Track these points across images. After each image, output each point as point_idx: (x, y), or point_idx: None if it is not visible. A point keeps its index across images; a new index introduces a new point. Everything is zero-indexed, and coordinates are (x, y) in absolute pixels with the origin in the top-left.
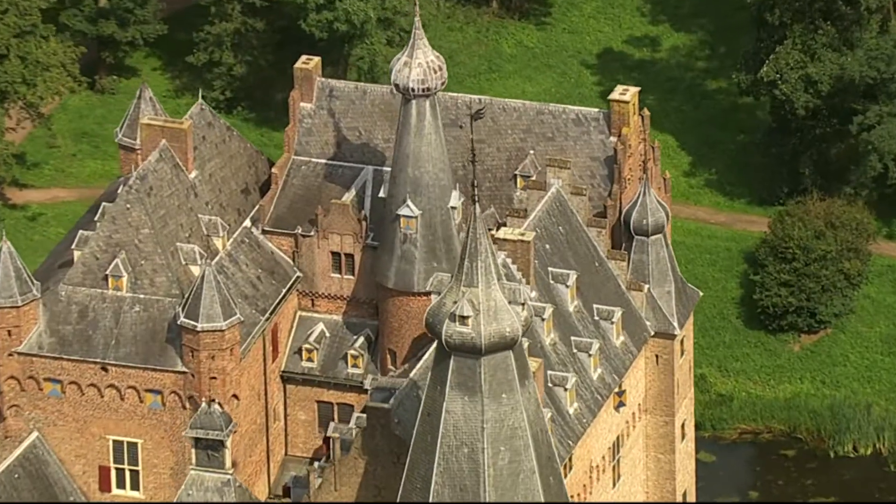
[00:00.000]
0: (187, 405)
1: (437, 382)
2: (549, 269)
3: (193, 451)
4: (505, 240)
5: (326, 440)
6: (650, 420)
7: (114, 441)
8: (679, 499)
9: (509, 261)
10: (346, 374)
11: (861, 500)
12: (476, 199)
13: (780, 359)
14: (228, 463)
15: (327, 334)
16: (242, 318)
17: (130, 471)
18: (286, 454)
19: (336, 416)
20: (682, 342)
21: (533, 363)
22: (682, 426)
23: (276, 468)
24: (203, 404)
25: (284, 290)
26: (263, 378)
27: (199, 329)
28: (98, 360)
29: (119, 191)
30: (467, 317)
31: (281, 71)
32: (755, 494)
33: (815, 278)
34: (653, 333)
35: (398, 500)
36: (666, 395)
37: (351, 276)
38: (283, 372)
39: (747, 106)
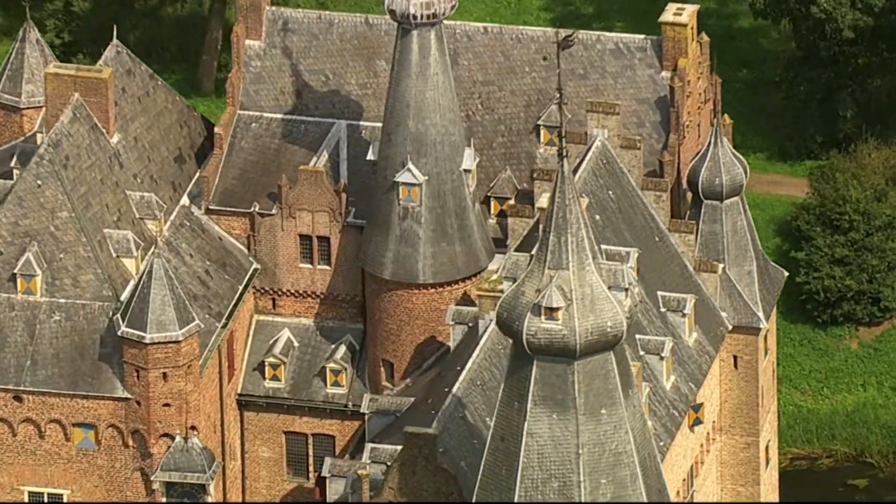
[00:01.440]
0: (130, 442)
1: (513, 397)
2: (602, 246)
3: (164, 500)
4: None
5: (320, 481)
6: (727, 442)
7: (30, 493)
8: None
9: None
10: (324, 396)
11: None
12: (563, 152)
13: (835, 360)
14: None
15: (296, 344)
16: (202, 325)
17: None
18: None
19: (311, 452)
20: (765, 338)
21: (633, 367)
22: (766, 449)
23: None
24: (178, 439)
25: (241, 288)
26: (220, 404)
27: (147, 341)
28: (9, 386)
29: (12, 164)
30: (557, 308)
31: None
32: None
33: (878, 253)
34: (730, 328)
35: None
36: (748, 408)
37: (326, 267)
38: (240, 395)
39: (746, 32)
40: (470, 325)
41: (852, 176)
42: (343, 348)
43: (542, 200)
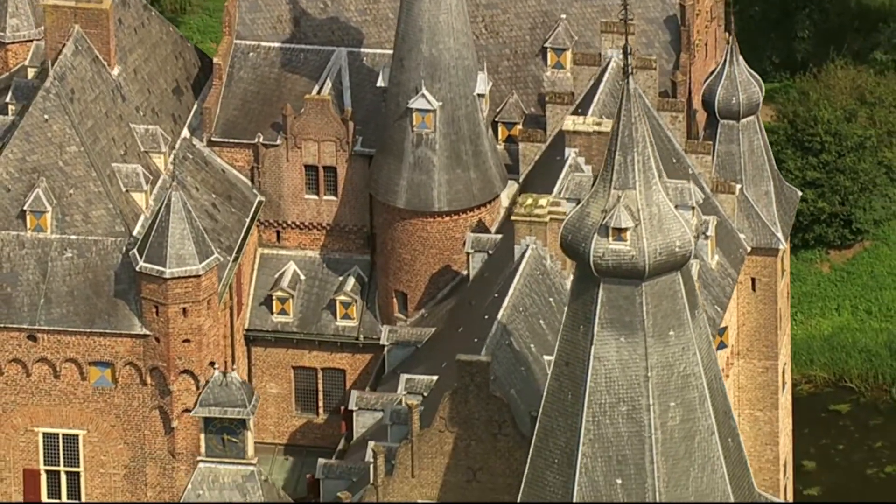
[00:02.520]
0: (149, 380)
1: (577, 321)
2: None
3: (203, 436)
4: (575, 132)
5: (347, 415)
6: (744, 366)
7: (45, 435)
8: (781, 470)
9: (581, 160)
10: (334, 329)
11: None
12: (629, 69)
13: (808, 284)
14: (251, 450)
15: (302, 277)
16: (221, 259)
17: (67, 474)
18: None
19: (321, 386)
20: (782, 259)
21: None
22: (783, 373)
23: None
24: (217, 373)
25: (248, 220)
26: (231, 340)
27: (167, 276)
28: (23, 325)
29: (7, 99)
30: (625, 229)
31: None
32: (812, 465)
33: (850, 174)
34: (749, 250)
35: (524, 483)
36: (766, 331)
37: (332, 197)
38: (248, 330)
39: None
40: (489, 252)
41: (823, 96)
42: (352, 280)
43: (568, 123)
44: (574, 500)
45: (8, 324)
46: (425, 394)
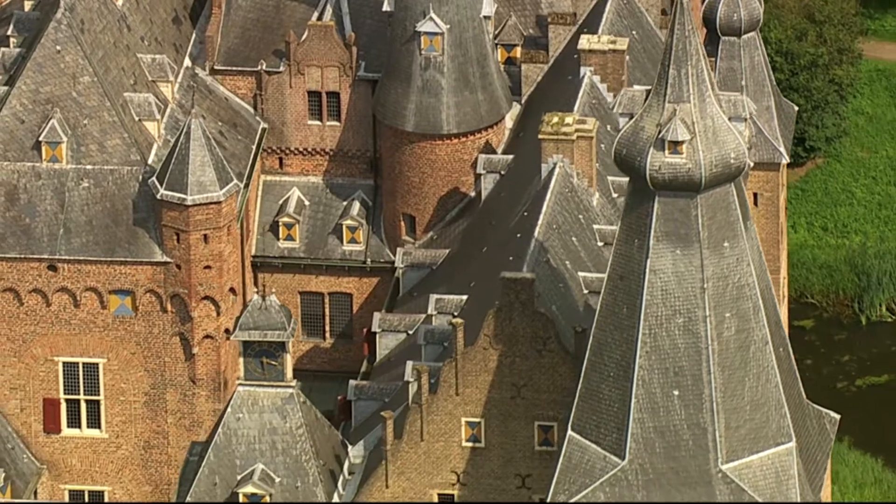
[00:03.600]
0: (169, 307)
1: (632, 234)
2: (634, 86)
3: (242, 360)
4: (590, 51)
5: (370, 337)
6: None
7: (65, 364)
8: None
9: (597, 79)
10: (340, 254)
11: None
12: None
13: None
14: (290, 372)
15: (306, 203)
16: (240, 185)
17: (87, 402)
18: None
19: (327, 311)
20: (783, 173)
21: None
22: (782, 286)
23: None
24: (255, 297)
25: (254, 147)
26: (241, 267)
27: (188, 203)
28: (43, 255)
29: (8, 31)
30: (681, 142)
31: None
32: None
33: (804, 92)
34: (752, 165)
35: (577, 398)
36: (768, 245)
37: (336, 123)
38: (255, 257)
39: None
40: (501, 172)
41: (772, 16)
42: (357, 205)
43: (583, 42)
44: (631, 411)
45: (28, 254)
46: (455, 313)
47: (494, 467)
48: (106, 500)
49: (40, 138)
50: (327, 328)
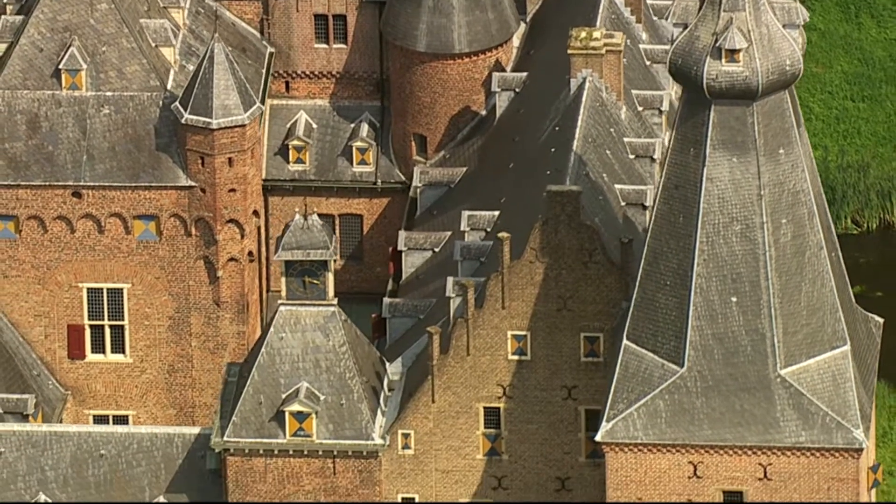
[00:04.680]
0: (194, 231)
1: (687, 143)
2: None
3: (284, 279)
4: None
5: (395, 255)
6: None
7: (89, 290)
8: None
9: None
10: (351, 175)
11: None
12: None
13: None
14: (331, 291)
15: (314, 126)
16: (262, 108)
17: (111, 328)
18: (268, 291)
19: (338, 232)
20: None
21: None
22: None
23: (254, 308)
24: (297, 217)
25: (265, 71)
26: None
27: (213, 126)
28: (68, 182)
29: None
30: (738, 50)
31: None
32: None
33: None
34: None
35: (632, 306)
36: None
37: (342, 45)
38: (265, 181)
39: None
40: (516, 90)
41: None
42: (365, 126)
43: None
44: (690, 319)
45: (52, 181)
46: (487, 229)
47: (540, 379)
48: (130, 424)
49: (60, 66)
50: (338, 249)
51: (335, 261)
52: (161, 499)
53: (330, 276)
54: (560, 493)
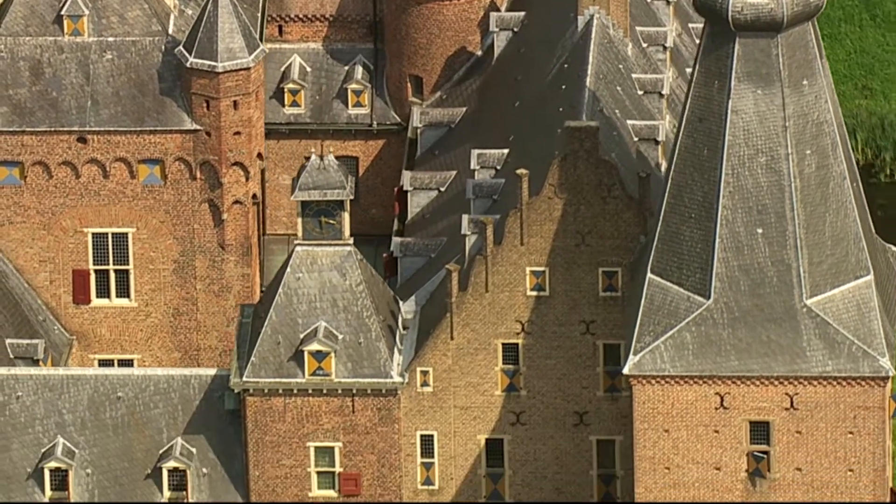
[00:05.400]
0: (198, 174)
1: (711, 77)
2: None
3: (300, 220)
4: None
5: (401, 195)
6: None
7: (94, 235)
8: None
9: None
10: (346, 117)
11: None
12: None
13: None
14: (347, 231)
15: (308, 69)
16: (266, 50)
17: (116, 272)
18: (263, 234)
19: None
20: None
21: None
22: None
23: (253, 251)
24: (314, 158)
25: (260, 14)
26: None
27: (219, 70)
28: (73, 128)
29: None
30: None
31: None
32: None
33: None
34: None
35: (656, 239)
36: None
37: None
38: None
39: None
40: (514, 30)
41: None
42: (360, 69)
43: None
44: (716, 251)
45: (57, 127)
46: (498, 167)
47: (559, 314)
48: (135, 366)
49: (62, 12)
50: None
51: (351, 200)
52: (179, 440)
53: (346, 216)
54: (578, 428)
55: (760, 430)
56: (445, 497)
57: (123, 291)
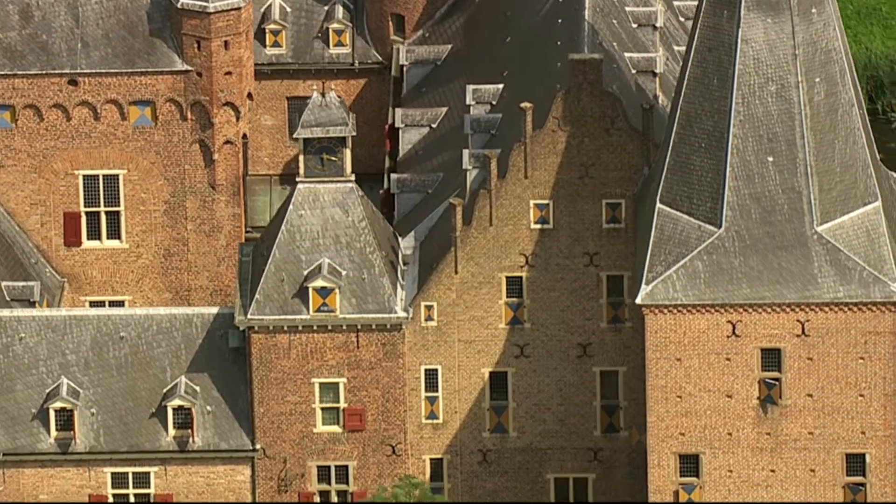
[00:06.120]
0: (189, 115)
1: (720, 6)
2: None
3: (302, 157)
4: None
5: (392, 132)
6: None
7: (85, 177)
8: None
9: None
10: (328, 57)
11: None
12: None
13: None
14: (349, 167)
15: (288, 9)
16: None
17: (107, 214)
18: (246, 174)
19: None
20: None
21: None
22: None
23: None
24: (315, 94)
25: None
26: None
27: (210, 10)
28: (64, 70)
29: None
30: None
31: None
32: None
33: None
34: None
35: (665, 169)
36: None
37: None
38: None
39: None
40: None
41: None
42: (340, 8)
43: None
44: (727, 180)
45: (48, 70)
46: (493, 102)
47: (563, 247)
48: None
49: None
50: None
51: (353, 137)
52: (183, 379)
53: (347, 153)
54: (582, 359)
55: (772, 358)
56: (450, 431)
57: (114, 233)
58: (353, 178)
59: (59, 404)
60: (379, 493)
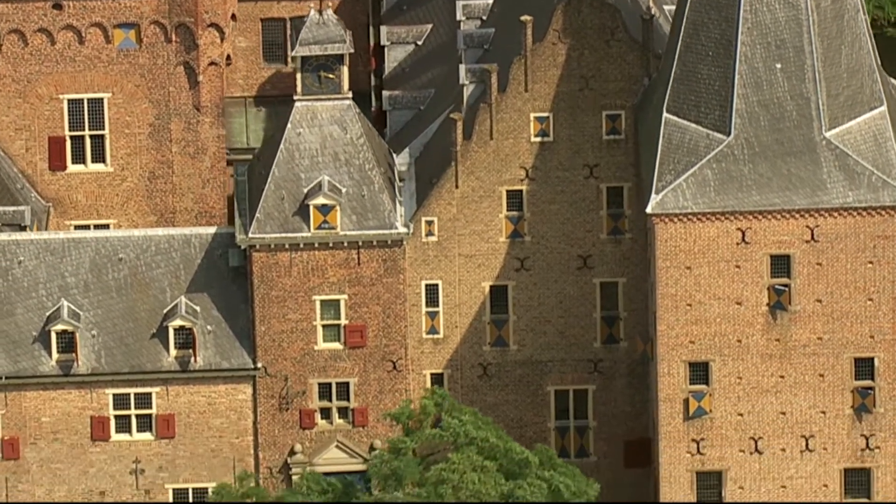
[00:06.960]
0: (174, 37)
1: None
2: None
3: (299, 76)
4: None
5: (377, 51)
6: None
7: (69, 102)
8: None
9: None
10: None
11: None
12: None
13: None
14: (346, 85)
15: None
16: None
17: (92, 137)
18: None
19: (289, 36)
20: None
21: None
22: None
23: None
24: (313, 12)
25: None
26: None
27: None
28: None
29: None
30: None
31: None
32: None
33: None
34: None
35: (671, 80)
36: None
37: None
38: None
39: None
40: None
41: None
42: None
43: None
44: (735, 87)
45: None
46: (484, 17)
47: (563, 159)
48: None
49: None
50: (287, 53)
51: (350, 54)
52: (183, 299)
53: (345, 70)
54: (582, 271)
55: (781, 264)
56: (450, 345)
57: (99, 157)
58: (350, 95)
59: (60, 326)
60: (405, 406)
